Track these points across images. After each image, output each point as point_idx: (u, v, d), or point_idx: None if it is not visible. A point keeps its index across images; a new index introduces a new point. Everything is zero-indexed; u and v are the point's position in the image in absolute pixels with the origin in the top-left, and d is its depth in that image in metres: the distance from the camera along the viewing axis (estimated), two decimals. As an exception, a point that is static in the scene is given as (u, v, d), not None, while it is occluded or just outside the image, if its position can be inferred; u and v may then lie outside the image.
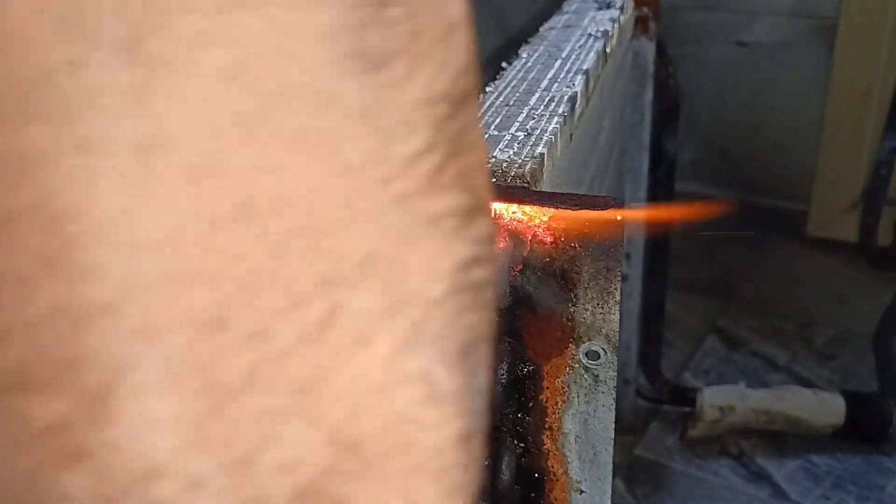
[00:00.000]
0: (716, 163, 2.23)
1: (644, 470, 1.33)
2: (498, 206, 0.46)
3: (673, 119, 1.21)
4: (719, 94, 2.14)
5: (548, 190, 0.52)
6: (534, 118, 0.57)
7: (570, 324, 0.48)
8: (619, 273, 0.46)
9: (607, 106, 0.85)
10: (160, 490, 0.13)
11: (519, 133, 0.54)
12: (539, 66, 0.69)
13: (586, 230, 0.45)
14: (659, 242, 1.32)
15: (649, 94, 1.14)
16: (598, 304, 0.47)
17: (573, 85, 0.63)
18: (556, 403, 0.51)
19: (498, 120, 0.57)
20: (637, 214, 0.47)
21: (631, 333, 1.34)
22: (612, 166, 0.98)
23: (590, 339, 0.49)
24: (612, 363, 0.49)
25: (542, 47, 0.75)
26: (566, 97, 0.60)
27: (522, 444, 0.53)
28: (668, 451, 1.37)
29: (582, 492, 0.54)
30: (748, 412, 1.32)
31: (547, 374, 0.51)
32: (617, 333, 0.48)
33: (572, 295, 0.47)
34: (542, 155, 0.50)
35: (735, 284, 1.83)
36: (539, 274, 0.47)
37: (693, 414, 1.34)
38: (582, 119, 0.66)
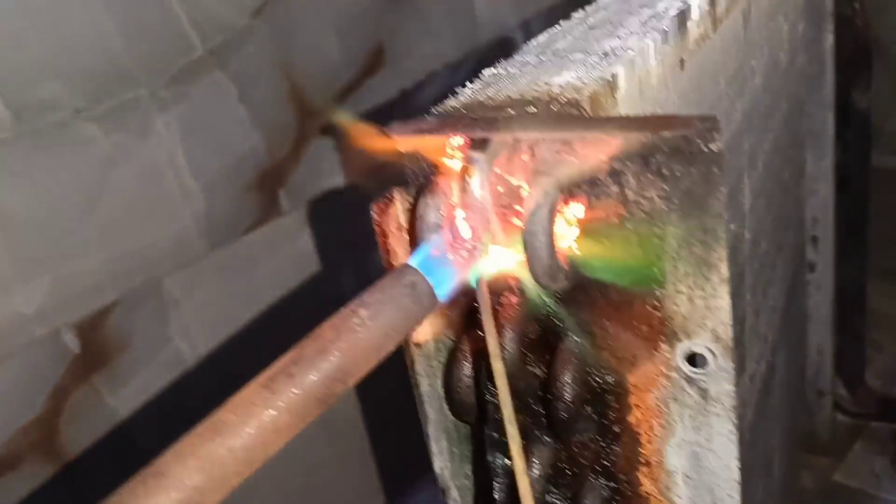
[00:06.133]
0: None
1: (844, 500, 1.09)
2: (541, 140, 0.32)
3: (863, 66, 0.98)
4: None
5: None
6: (620, 38, 0.42)
7: (658, 313, 0.33)
8: (722, 236, 0.30)
9: (761, 43, 0.67)
10: None
11: (593, 56, 0.39)
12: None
13: (666, 170, 0.30)
14: (855, 221, 1.08)
15: (829, 38, 0.93)
16: (695, 284, 0.32)
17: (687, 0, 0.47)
18: (652, 429, 0.36)
19: (567, 44, 0.42)
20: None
21: (823, 334, 1.10)
22: (780, 124, 0.79)
23: (689, 337, 0.33)
24: (728, 372, 0.33)
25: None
26: (673, 12, 0.45)
27: (611, 484, 0.38)
28: (877, 477, 1.12)
29: (702, 556, 0.38)
30: None
31: (634, 386, 0.36)
32: (729, 327, 0.32)
33: (656, 270, 0.32)
34: (613, 76, 0.36)
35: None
36: (606, 241, 0.32)
37: (908, 433, 1.09)
38: (705, 46, 0.50)
